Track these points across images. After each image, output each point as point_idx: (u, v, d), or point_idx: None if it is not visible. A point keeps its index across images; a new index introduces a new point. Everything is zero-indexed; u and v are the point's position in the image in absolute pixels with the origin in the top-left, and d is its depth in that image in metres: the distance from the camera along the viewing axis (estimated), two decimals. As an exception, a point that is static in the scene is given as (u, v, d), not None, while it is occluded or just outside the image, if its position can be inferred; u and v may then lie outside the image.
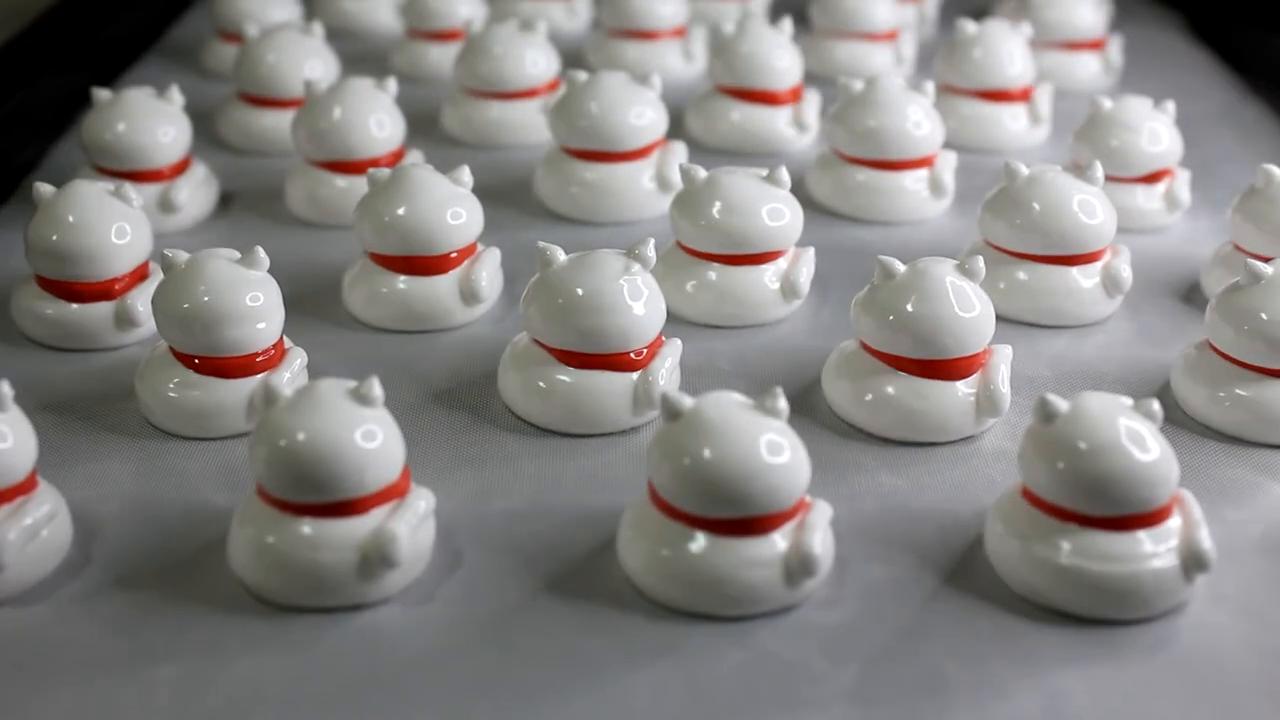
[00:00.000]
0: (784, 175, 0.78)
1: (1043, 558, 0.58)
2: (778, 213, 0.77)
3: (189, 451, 0.68)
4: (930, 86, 0.90)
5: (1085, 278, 0.78)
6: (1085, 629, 0.57)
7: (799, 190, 0.85)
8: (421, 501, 0.59)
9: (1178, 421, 0.70)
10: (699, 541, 0.57)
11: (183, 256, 0.69)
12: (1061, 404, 0.58)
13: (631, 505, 0.61)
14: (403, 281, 0.77)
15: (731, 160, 0.96)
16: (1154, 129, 0.88)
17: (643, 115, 0.88)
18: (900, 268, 0.69)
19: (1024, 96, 1.00)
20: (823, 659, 0.56)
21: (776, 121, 0.98)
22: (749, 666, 0.55)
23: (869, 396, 0.69)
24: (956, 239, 0.87)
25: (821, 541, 0.58)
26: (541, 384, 0.69)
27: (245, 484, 0.62)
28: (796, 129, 0.99)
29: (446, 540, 0.62)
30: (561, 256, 0.70)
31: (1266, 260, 0.73)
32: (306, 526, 0.57)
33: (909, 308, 0.68)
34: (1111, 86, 1.11)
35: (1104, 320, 0.79)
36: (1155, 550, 0.57)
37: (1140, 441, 0.57)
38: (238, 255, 0.69)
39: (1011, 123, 1.00)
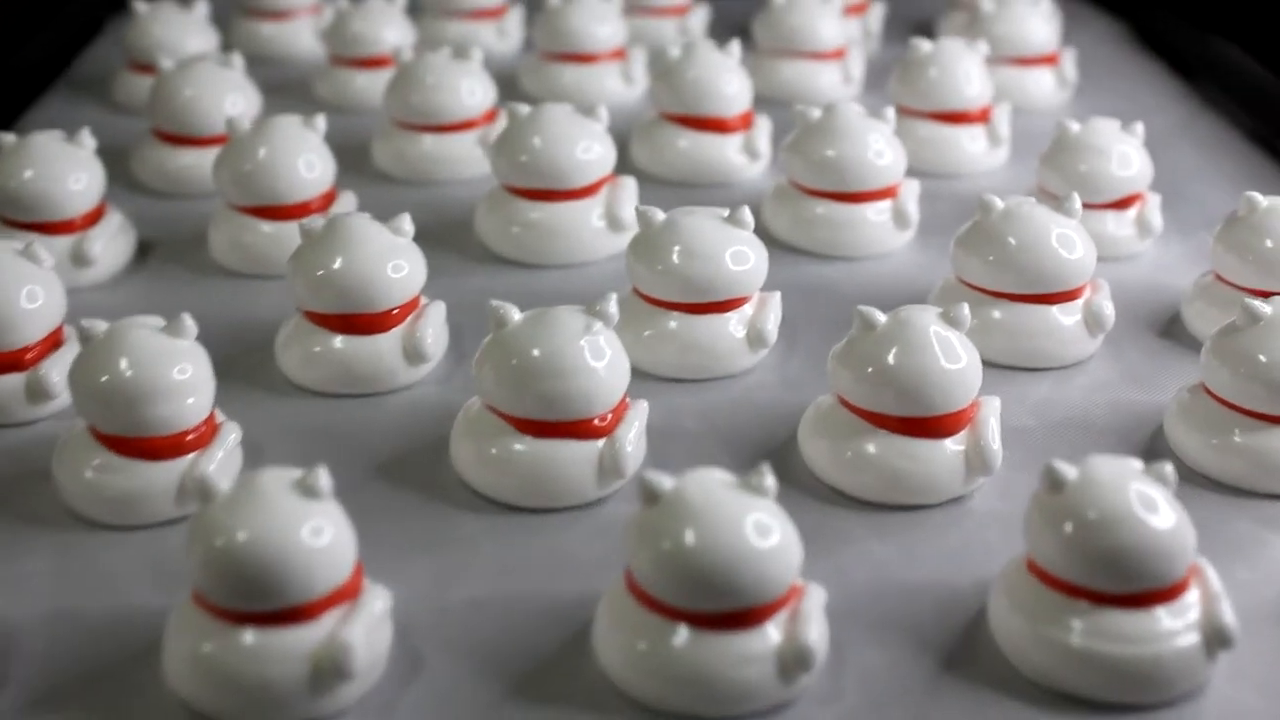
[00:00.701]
0: (747, 216, 0.73)
1: (1053, 639, 0.53)
2: (742, 256, 0.72)
3: (114, 543, 0.62)
4: (891, 113, 0.86)
5: (1065, 316, 0.74)
6: (1103, 715, 0.53)
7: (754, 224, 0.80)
8: (377, 602, 0.54)
9: (1172, 470, 0.66)
10: (683, 635, 0.52)
11: (101, 327, 0.63)
12: (1070, 471, 0.54)
13: (607, 595, 0.56)
14: (340, 341, 0.71)
15: (681, 191, 0.91)
16: (1124, 152, 0.84)
17: (590, 149, 0.83)
18: (881, 318, 0.64)
19: (982, 117, 0.96)
20: (824, 762, 0.51)
21: (726, 150, 0.93)
22: (744, 775, 0.51)
23: (849, 455, 0.64)
24: (923, 273, 0.83)
25: (818, 633, 0.53)
26: (496, 453, 0.64)
27: (179, 580, 0.56)
28: (748, 157, 0.94)
29: (404, 638, 0.56)
30: (516, 315, 0.64)
31: (1252, 293, 0.69)
32: (250, 636, 0.52)
33: (891, 360, 0.63)
34: (1066, 102, 1.07)
35: (1085, 360, 0.75)
36: (1175, 628, 0.53)
37: (1155, 509, 0.53)
38: (162, 323, 0.63)
39: (970, 144, 0.96)
